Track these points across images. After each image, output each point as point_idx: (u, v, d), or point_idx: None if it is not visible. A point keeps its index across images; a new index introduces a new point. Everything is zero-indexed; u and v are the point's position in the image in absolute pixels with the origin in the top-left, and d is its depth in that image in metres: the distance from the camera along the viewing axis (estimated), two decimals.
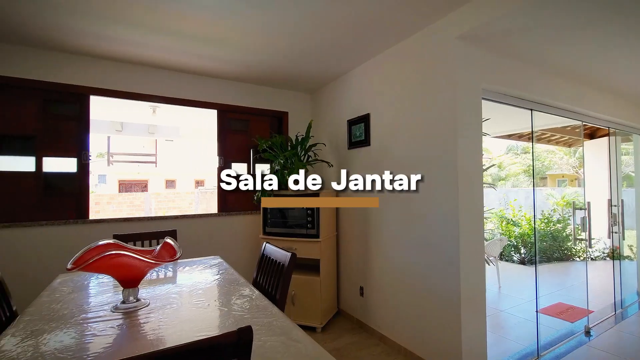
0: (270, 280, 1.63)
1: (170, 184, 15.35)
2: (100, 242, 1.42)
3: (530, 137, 2.82)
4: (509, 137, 5.15)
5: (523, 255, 5.52)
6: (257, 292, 1.51)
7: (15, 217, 2.41)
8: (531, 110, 2.56)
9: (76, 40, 2.31)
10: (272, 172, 2.95)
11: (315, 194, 2.83)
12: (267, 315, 1.25)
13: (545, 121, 3.16)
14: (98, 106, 2.75)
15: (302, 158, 3.02)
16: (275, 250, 1.68)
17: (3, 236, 2.32)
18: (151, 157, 15.58)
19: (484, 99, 2.14)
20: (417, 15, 2.00)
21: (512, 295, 3.87)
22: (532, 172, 2.94)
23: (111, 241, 1.45)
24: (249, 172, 3.39)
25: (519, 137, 5.23)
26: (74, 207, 2.60)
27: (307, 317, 2.70)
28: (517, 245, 5.65)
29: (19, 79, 2.39)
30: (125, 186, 13.78)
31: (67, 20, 2.03)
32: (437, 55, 2.09)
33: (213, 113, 3.25)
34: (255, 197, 2.80)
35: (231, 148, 3.30)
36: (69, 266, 1.21)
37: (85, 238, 2.54)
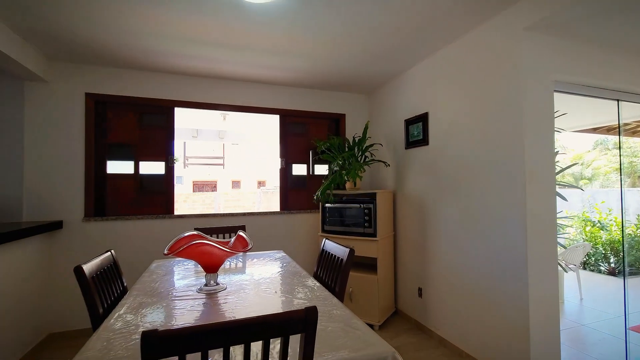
0: (330, 274, 1.74)
1: (235, 184, 16.57)
2: (187, 234, 1.67)
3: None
4: (594, 130, 4.57)
5: (613, 265, 4.84)
6: (318, 284, 1.63)
7: (119, 212, 2.90)
8: (617, 100, 2.29)
9: (163, 60, 2.70)
10: (331, 172, 3.08)
11: (372, 194, 2.88)
12: (328, 304, 1.36)
13: (637, 112, 2.77)
14: (179, 116, 3.16)
15: (359, 159, 3.10)
16: (334, 246, 1.78)
17: (113, 227, 2.81)
18: (219, 159, 17.00)
19: (556, 91, 1.99)
20: (480, 7, 1.94)
21: (596, 308, 3.45)
22: (620, 170, 2.60)
23: (195, 232, 1.70)
24: (308, 173, 3.57)
25: (607, 130, 4.61)
26: (163, 203, 3.03)
27: (365, 314, 2.76)
28: (605, 253, 4.97)
29: (122, 97, 2.88)
30: (198, 186, 15.27)
31: (156, 43, 2.39)
32: (502, 49, 2.00)
33: (275, 118, 3.49)
34: (315, 197, 2.95)
35: (292, 150, 3.51)
36: (165, 252, 1.46)
37: (171, 230, 2.95)
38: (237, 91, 3.24)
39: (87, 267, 1.37)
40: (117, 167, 2.91)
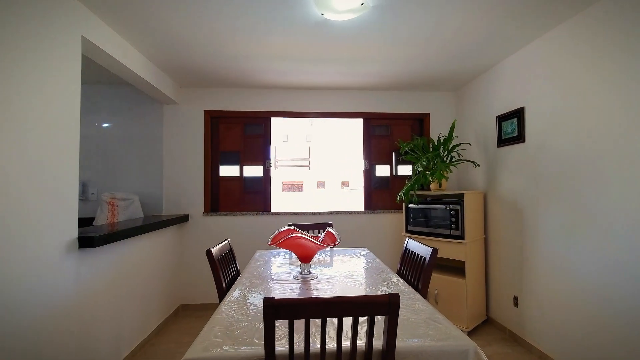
0: (413, 272, 1.81)
1: (320, 184, 17.35)
2: (284, 228, 1.94)
3: None
4: None
5: None
6: (402, 280, 1.72)
7: (229, 208, 3.45)
8: None
9: (262, 77, 3.11)
10: (414, 173, 3.08)
11: (459, 195, 2.79)
12: (411, 299, 1.45)
13: None
14: (274, 124, 3.58)
15: (445, 159, 3.03)
16: (417, 245, 1.84)
17: (224, 221, 3.37)
18: (305, 161, 18.04)
19: None
20: None
21: None
22: None
23: (290, 227, 1.97)
24: (391, 174, 3.62)
25: None
26: (261, 202, 3.48)
27: (452, 318, 2.69)
28: None
29: (230, 111, 3.42)
30: (287, 186, 16.49)
31: (257, 64, 2.79)
32: (625, 27, 1.75)
33: (358, 121, 3.64)
34: (398, 197, 3.00)
35: (375, 151, 3.62)
36: (269, 242, 1.75)
37: (268, 225, 3.37)
38: (323, 99, 3.50)
39: (214, 251, 1.74)
40: (227, 171, 3.47)
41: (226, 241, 2.00)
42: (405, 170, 3.59)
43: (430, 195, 3.08)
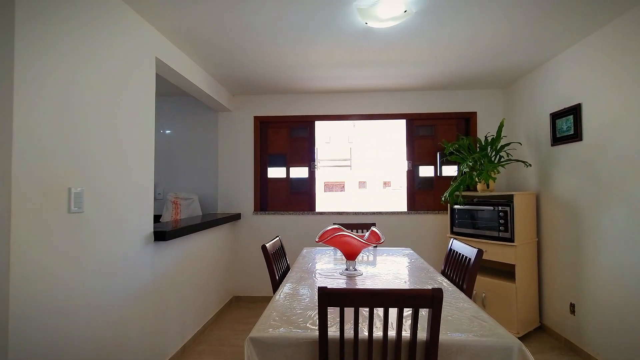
0: (458, 273, 1.83)
1: (362, 184, 17.31)
2: (330, 227, 2.06)
3: None
4: None
5: None
6: (446, 280, 1.76)
7: (276, 208, 3.66)
8: None
9: (307, 83, 3.27)
10: (460, 174, 3.04)
11: (509, 196, 2.71)
12: (455, 298, 1.48)
13: None
14: (317, 127, 3.73)
15: (492, 159, 2.94)
16: (462, 246, 1.86)
17: (272, 219, 3.59)
18: (347, 161, 18.11)
19: None
20: None
21: None
22: None
23: (336, 226, 2.08)
24: (435, 174, 3.59)
25: None
26: (306, 202, 3.65)
27: (501, 323, 2.59)
28: None
29: (278, 116, 3.63)
30: (329, 187, 16.70)
31: (302, 71, 2.95)
32: None
33: (401, 121, 3.66)
34: (443, 198, 2.98)
35: (418, 152, 3.61)
36: (316, 239, 1.88)
37: (313, 224, 3.53)
38: (366, 101, 3.58)
39: (269, 246, 1.91)
40: (275, 172, 3.69)
41: (277, 238, 2.17)
42: (450, 170, 3.53)
43: (477, 197, 3.01)
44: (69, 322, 1.45)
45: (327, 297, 1.00)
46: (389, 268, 2.04)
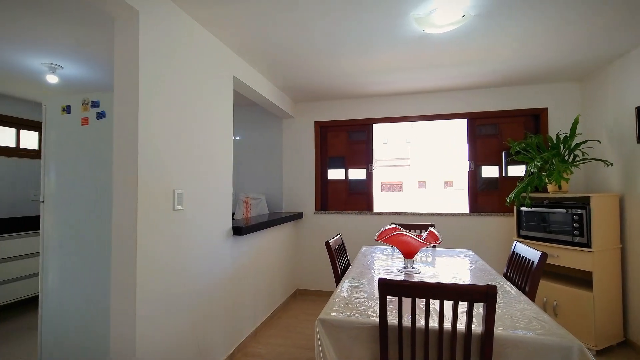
0: (520, 275, 1.81)
1: (421, 184, 16.74)
2: (388, 226, 2.17)
3: None
4: None
5: None
6: (508, 282, 1.75)
7: (336, 208, 3.86)
8: None
9: (364, 89, 3.40)
10: (527, 174, 2.89)
11: (585, 198, 2.52)
12: (516, 299, 1.49)
13: None
14: (375, 129, 3.84)
15: (566, 158, 2.75)
16: (525, 249, 1.83)
17: (332, 219, 3.79)
18: (405, 160, 17.67)
19: None
20: None
21: None
22: None
23: (394, 226, 2.18)
24: (500, 175, 3.44)
25: None
26: (365, 202, 3.78)
27: (576, 334, 2.45)
28: None
29: (336, 121, 3.82)
30: (386, 187, 16.49)
31: (360, 78, 3.08)
32: None
33: (461, 120, 3.57)
34: (508, 200, 2.87)
35: (481, 152, 3.49)
36: (375, 238, 2.01)
37: (370, 224, 3.64)
38: (424, 102, 3.58)
39: (331, 242, 2.09)
40: (334, 174, 3.89)
41: (338, 235, 2.35)
42: (516, 171, 3.36)
43: (548, 198, 2.84)
44: (171, 302, 1.80)
45: (387, 287, 1.14)
46: (447, 268, 2.08)
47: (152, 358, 1.65)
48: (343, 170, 3.86)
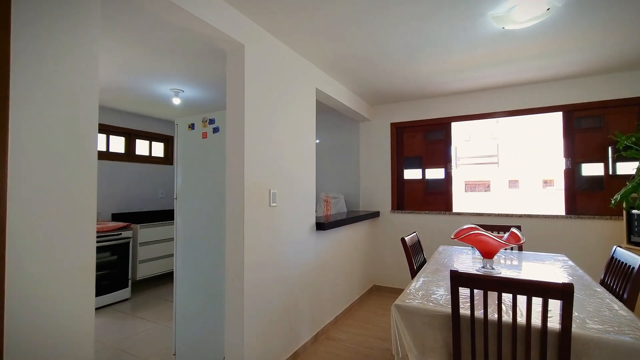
0: (618, 282, 1.66)
1: (513, 183, 15.07)
2: (466, 226, 2.18)
3: None
4: None
5: None
6: (602, 288, 1.64)
7: (412, 207, 3.89)
8: None
9: (441, 87, 3.37)
10: (639, 172, 2.53)
11: None
12: (608, 306, 1.41)
13: None
14: (454, 127, 3.75)
15: None
16: (626, 254, 1.67)
17: (408, 218, 3.85)
18: (493, 158, 16.11)
19: None
20: None
21: None
22: None
23: (472, 225, 2.18)
24: (606, 173, 3.04)
25: None
26: (442, 202, 3.73)
27: None
28: None
29: (413, 121, 3.86)
30: (470, 186, 15.30)
31: (438, 77, 3.09)
32: None
33: (556, 114, 3.26)
34: (613, 201, 2.56)
35: (580, 148, 3.14)
36: (452, 236, 2.06)
37: (449, 224, 3.58)
38: (509, 96, 3.37)
39: (407, 239, 2.21)
40: (410, 174, 3.93)
41: (414, 233, 2.44)
42: (626, 168, 2.93)
43: None
44: (268, 287, 2.16)
45: (458, 279, 1.24)
46: (533, 272, 2.01)
47: (256, 332, 2.02)
48: (420, 170, 3.87)
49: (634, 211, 2.53)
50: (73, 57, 1.17)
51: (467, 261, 2.28)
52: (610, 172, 3.00)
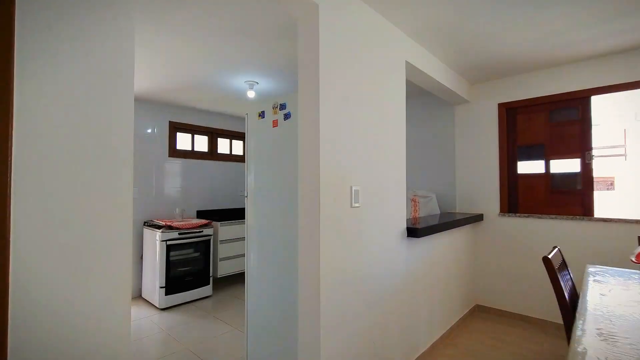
0: None
1: None
2: None
3: None
4: None
5: None
6: None
7: (530, 210, 3.03)
8: None
9: (571, 49, 2.48)
10: None
11: None
12: None
13: None
14: (598, 104, 2.77)
15: None
16: None
17: (525, 223, 3.00)
18: (618, 149, 12.87)
19: None
20: None
21: None
22: None
23: None
24: None
25: None
26: (578, 203, 2.80)
27: None
28: None
29: (529, 99, 3.00)
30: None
31: (565, 36, 2.24)
32: None
33: None
34: None
35: None
36: (632, 259, 1.33)
37: (592, 234, 2.65)
38: None
39: (552, 258, 1.53)
40: (527, 167, 3.07)
41: (557, 249, 1.72)
42: None
43: None
44: (348, 303, 1.72)
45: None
46: None
47: (334, 353, 1.61)
48: (542, 162, 2.99)
49: None
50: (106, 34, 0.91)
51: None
52: None
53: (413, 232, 2.15)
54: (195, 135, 4.46)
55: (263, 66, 2.80)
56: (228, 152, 4.86)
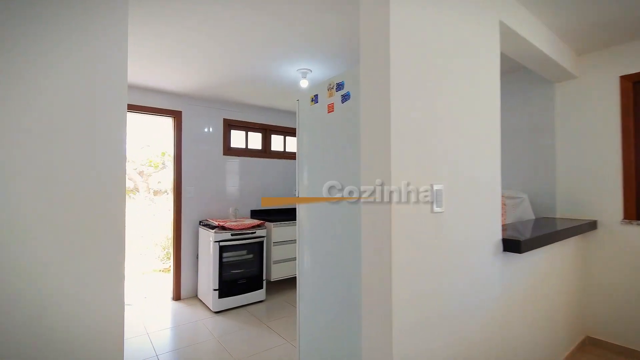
0: None
1: None
2: None
3: None
4: None
5: None
6: None
7: None
8: None
9: None
10: None
11: None
12: None
13: None
14: None
15: None
16: None
17: None
18: None
19: None
20: None
21: None
22: None
23: None
24: None
25: None
26: None
27: None
28: None
29: None
30: None
31: None
32: None
33: None
34: None
35: None
36: None
37: None
38: None
39: None
40: None
41: None
42: None
43: None
44: (422, 336, 1.29)
45: None
46: None
47: None
48: None
49: None
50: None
51: None
52: None
53: (513, 245, 1.63)
54: (249, 133, 4.33)
55: (316, 51, 2.48)
56: (282, 149, 4.66)
